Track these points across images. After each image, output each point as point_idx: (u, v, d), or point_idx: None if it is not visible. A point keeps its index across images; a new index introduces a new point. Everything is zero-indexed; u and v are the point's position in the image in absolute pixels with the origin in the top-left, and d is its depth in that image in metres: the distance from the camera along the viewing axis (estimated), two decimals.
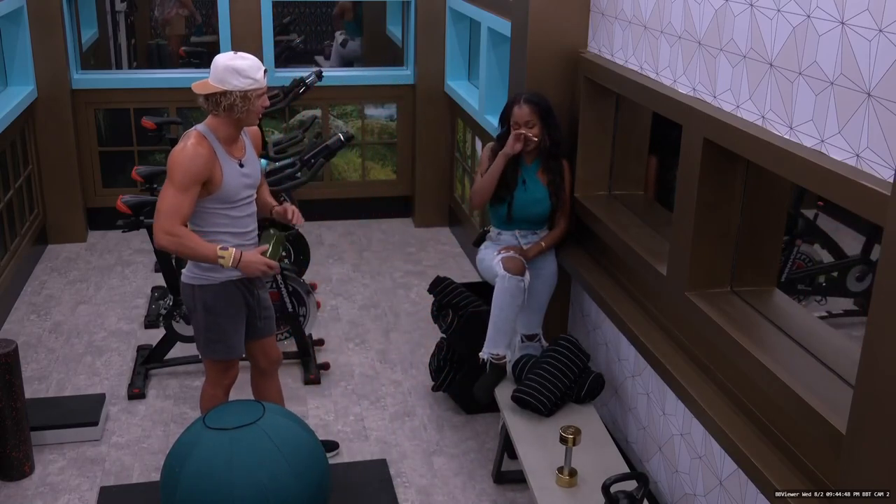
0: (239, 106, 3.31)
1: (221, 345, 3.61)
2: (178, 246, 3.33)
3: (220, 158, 3.36)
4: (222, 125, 3.38)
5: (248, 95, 3.31)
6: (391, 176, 7.33)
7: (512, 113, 4.07)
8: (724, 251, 3.22)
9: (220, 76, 3.28)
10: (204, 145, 3.33)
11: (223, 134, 3.39)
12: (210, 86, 3.30)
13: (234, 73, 3.27)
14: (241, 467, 3.11)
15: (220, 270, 3.45)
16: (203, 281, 3.50)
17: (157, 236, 3.33)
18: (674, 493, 3.56)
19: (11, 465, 3.98)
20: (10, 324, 5.46)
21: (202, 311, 3.53)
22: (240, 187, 3.43)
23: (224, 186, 3.37)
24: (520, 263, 3.99)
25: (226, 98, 3.29)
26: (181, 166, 3.28)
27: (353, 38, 9.86)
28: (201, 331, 3.59)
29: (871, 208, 2.25)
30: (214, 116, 3.37)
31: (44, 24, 6.24)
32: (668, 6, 3.46)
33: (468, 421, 4.55)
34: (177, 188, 3.28)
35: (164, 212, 3.29)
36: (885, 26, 2.26)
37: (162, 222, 3.29)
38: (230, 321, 3.57)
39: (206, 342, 3.62)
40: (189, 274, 3.53)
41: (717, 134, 3.00)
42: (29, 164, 6.30)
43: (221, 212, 3.43)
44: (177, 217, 3.28)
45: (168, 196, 3.29)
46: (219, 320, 3.55)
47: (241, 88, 3.28)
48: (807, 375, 2.68)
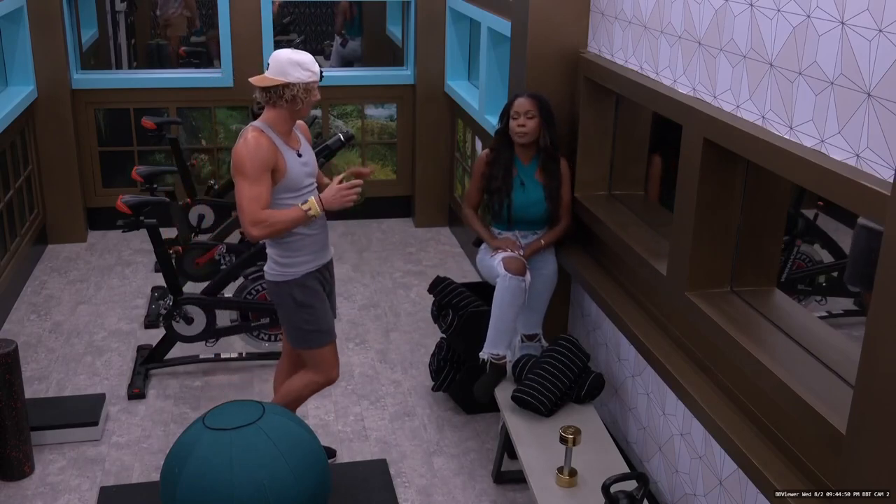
0: (301, 97, 3.47)
1: (318, 333, 3.72)
2: (270, 230, 3.46)
3: (281, 148, 3.49)
4: (279, 119, 3.51)
5: (310, 87, 3.48)
6: (391, 176, 7.33)
7: (513, 104, 4.07)
8: (724, 251, 3.22)
9: (282, 69, 3.43)
10: (263, 136, 3.46)
11: (280, 128, 3.52)
12: (271, 79, 3.44)
13: (297, 65, 3.43)
14: (241, 467, 3.11)
15: (300, 263, 3.60)
16: (287, 276, 3.62)
17: (248, 231, 3.44)
18: (674, 493, 3.56)
19: (11, 465, 3.98)
20: (10, 324, 5.46)
21: (294, 305, 3.65)
22: (302, 175, 3.57)
23: (288, 174, 3.50)
24: (521, 263, 3.99)
25: (289, 90, 3.44)
26: (248, 158, 3.40)
27: (353, 38, 9.88)
28: (296, 325, 3.70)
29: (871, 208, 2.25)
30: (271, 110, 3.50)
31: (44, 24, 6.24)
32: (668, 6, 3.46)
33: (468, 421, 4.55)
34: (249, 179, 3.40)
35: (245, 205, 3.40)
36: (885, 26, 2.26)
37: (247, 215, 3.41)
38: (321, 309, 3.70)
39: (305, 334, 3.72)
40: (271, 272, 3.65)
41: (717, 134, 3.00)
42: (29, 164, 6.30)
43: (288, 202, 3.53)
44: (258, 204, 3.41)
45: (244, 190, 3.41)
46: (311, 311, 3.67)
47: (303, 80, 3.45)
48: (807, 375, 2.68)
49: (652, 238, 3.78)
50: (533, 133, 4.06)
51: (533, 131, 4.05)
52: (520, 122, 4.04)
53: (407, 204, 7.43)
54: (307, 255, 3.63)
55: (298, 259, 3.62)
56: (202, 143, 7.01)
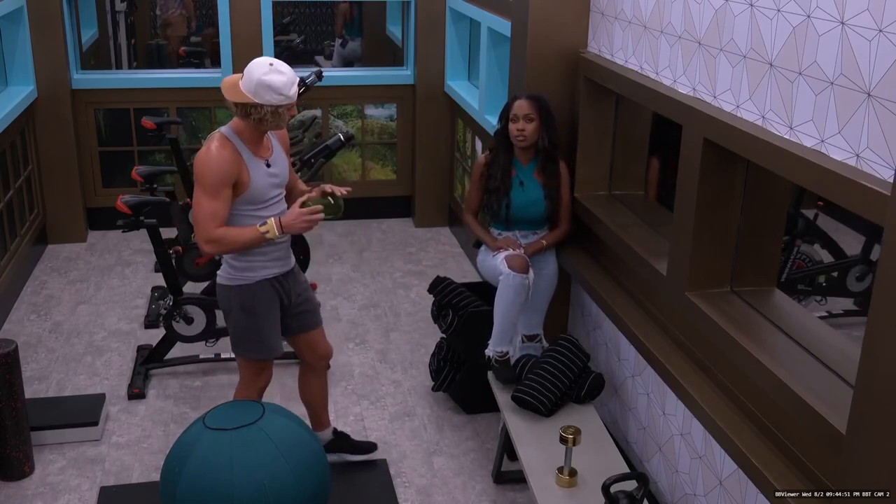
0: (269, 120, 3.30)
1: (258, 344, 3.61)
2: (224, 248, 3.34)
3: (246, 160, 3.34)
4: (248, 128, 3.35)
5: (279, 112, 3.30)
6: (391, 176, 7.33)
7: (512, 106, 4.07)
8: (724, 251, 3.22)
9: (252, 89, 3.24)
10: (228, 147, 3.31)
11: (248, 136, 3.37)
12: (241, 94, 3.25)
13: (268, 89, 3.23)
14: (241, 467, 3.11)
15: (255, 270, 3.47)
16: (239, 281, 3.50)
17: (202, 246, 3.33)
18: (674, 493, 3.56)
19: (11, 465, 3.98)
20: (10, 324, 5.46)
21: (239, 311, 3.53)
22: (267, 187, 3.41)
23: (252, 187, 3.35)
24: (524, 261, 3.98)
25: (256, 111, 3.28)
26: (208, 170, 3.27)
27: (353, 38, 9.88)
28: (238, 331, 3.59)
29: (871, 208, 2.25)
30: (240, 118, 3.35)
31: (44, 24, 6.24)
32: (668, 6, 3.46)
33: (468, 421, 4.55)
34: (208, 193, 3.26)
35: (201, 220, 3.27)
36: (885, 26, 2.26)
37: (201, 231, 3.28)
38: (267, 320, 3.56)
39: (243, 342, 3.62)
40: (224, 275, 3.53)
41: (717, 134, 3.00)
42: (29, 164, 6.30)
43: (252, 213, 3.40)
44: (214, 222, 3.27)
45: (202, 203, 3.27)
46: (256, 320, 3.54)
47: (272, 104, 3.26)
48: (807, 375, 2.68)
49: (652, 238, 3.78)
50: (532, 136, 4.06)
51: (532, 135, 4.05)
52: (519, 127, 4.04)
53: (407, 204, 7.43)
54: (264, 262, 3.48)
55: (254, 264, 3.47)
56: (202, 143, 7.00)
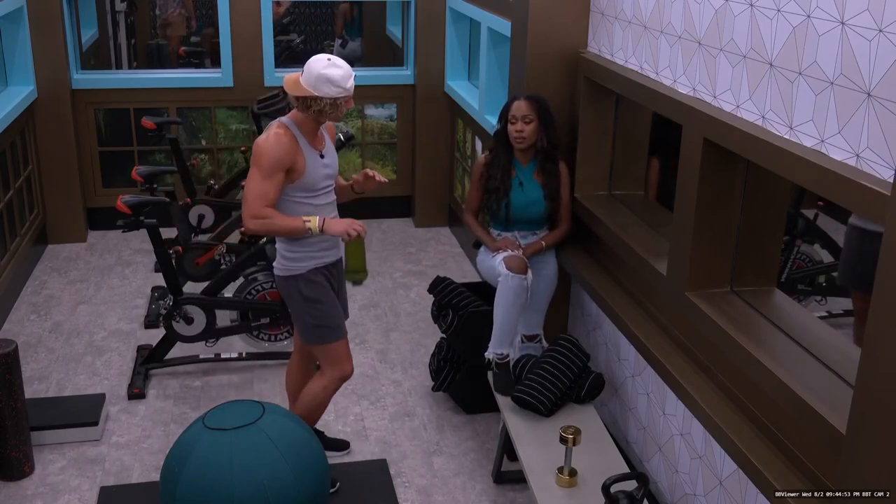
0: (328, 111, 3.49)
1: (326, 329, 3.73)
2: (267, 227, 3.51)
3: (303, 149, 3.52)
4: (306, 120, 3.54)
5: (338, 103, 3.48)
6: (391, 176, 7.33)
7: (510, 107, 4.08)
8: (724, 251, 3.22)
9: (312, 82, 3.42)
10: (288, 135, 3.49)
11: (306, 128, 3.55)
12: (302, 88, 3.43)
13: (327, 82, 3.42)
14: (241, 467, 3.11)
15: (306, 259, 3.63)
16: (294, 271, 3.65)
17: (246, 221, 3.49)
18: (674, 493, 3.56)
19: (11, 465, 3.98)
20: (10, 324, 5.46)
21: (302, 301, 3.68)
22: (320, 177, 3.59)
23: (307, 175, 3.53)
24: (522, 262, 3.98)
25: (316, 103, 3.46)
26: (266, 152, 3.44)
27: (353, 38, 9.87)
28: (307, 320, 3.72)
29: (871, 208, 2.25)
30: (300, 111, 3.52)
31: (44, 24, 6.24)
32: (668, 6, 3.46)
33: (468, 421, 4.55)
34: (262, 174, 3.44)
35: (250, 197, 3.45)
36: (885, 26, 2.27)
37: (249, 207, 3.46)
38: (328, 304, 3.71)
39: (314, 329, 3.73)
40: (280, 267, 3.69)
41: (717, 134, 3.00)
42: (29, 164, 6.30)
43: (304, 201, 3.57)
44: (263, 201, 3.45)
45: (254, 182, 3.45)
46: (318, 306, 3.68)
47: (331, 96, 3.44)
48: (807, 375, 2.68)
49: (652, 238, 3.78)
50: (530, 137, 4.06)
51: (530, 136, 4.05)
52: (517, 128, 4.04)
53: (407, 204, 7.43)
54: (314, 251, 3.65)
55: (306, 254, 3.64)
56: (202, 143, 7.01)
